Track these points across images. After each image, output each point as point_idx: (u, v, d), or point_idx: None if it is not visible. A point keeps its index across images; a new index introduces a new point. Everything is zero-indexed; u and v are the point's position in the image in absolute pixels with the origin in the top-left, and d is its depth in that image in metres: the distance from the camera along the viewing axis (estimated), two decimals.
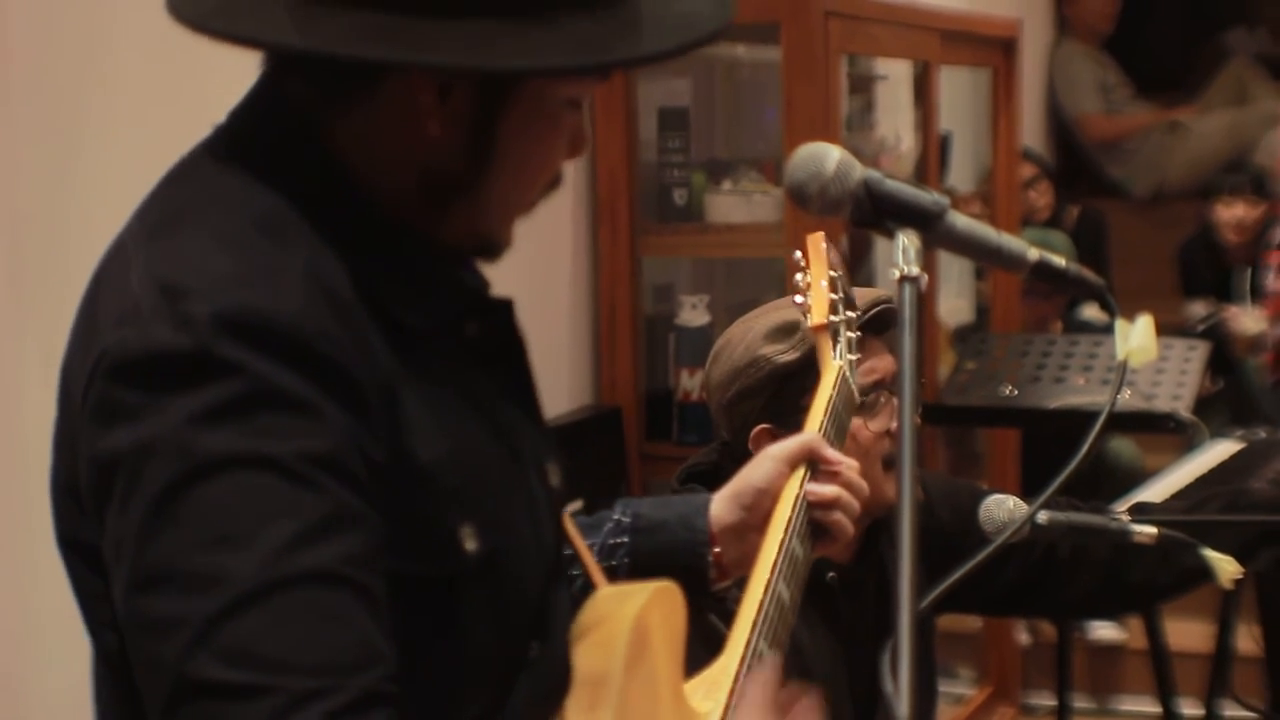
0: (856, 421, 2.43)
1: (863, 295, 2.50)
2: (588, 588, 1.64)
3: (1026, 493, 3.24)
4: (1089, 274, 1.65)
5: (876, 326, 2.50)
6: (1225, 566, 2.47)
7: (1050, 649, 5.37)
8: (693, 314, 4.30)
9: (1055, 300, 5.69)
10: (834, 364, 2.04)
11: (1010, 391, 4.38)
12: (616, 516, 1.92)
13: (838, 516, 1.81)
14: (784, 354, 2.50)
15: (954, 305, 6.08)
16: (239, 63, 1.48)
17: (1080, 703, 5.27)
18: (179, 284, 1.31)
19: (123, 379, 1.30)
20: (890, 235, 1.58)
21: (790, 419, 2.47)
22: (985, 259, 1.64)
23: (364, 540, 1.30)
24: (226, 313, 1.29)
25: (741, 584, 1.75)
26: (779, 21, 4.02)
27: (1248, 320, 6.28)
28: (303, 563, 1.25)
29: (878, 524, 2.55)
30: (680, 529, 1.85)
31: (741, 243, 4.26)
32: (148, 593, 1.26)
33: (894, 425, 2.46)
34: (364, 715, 1.24)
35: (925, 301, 4.97)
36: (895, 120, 5.70)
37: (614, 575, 1.82)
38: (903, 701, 1.33)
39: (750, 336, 2.54)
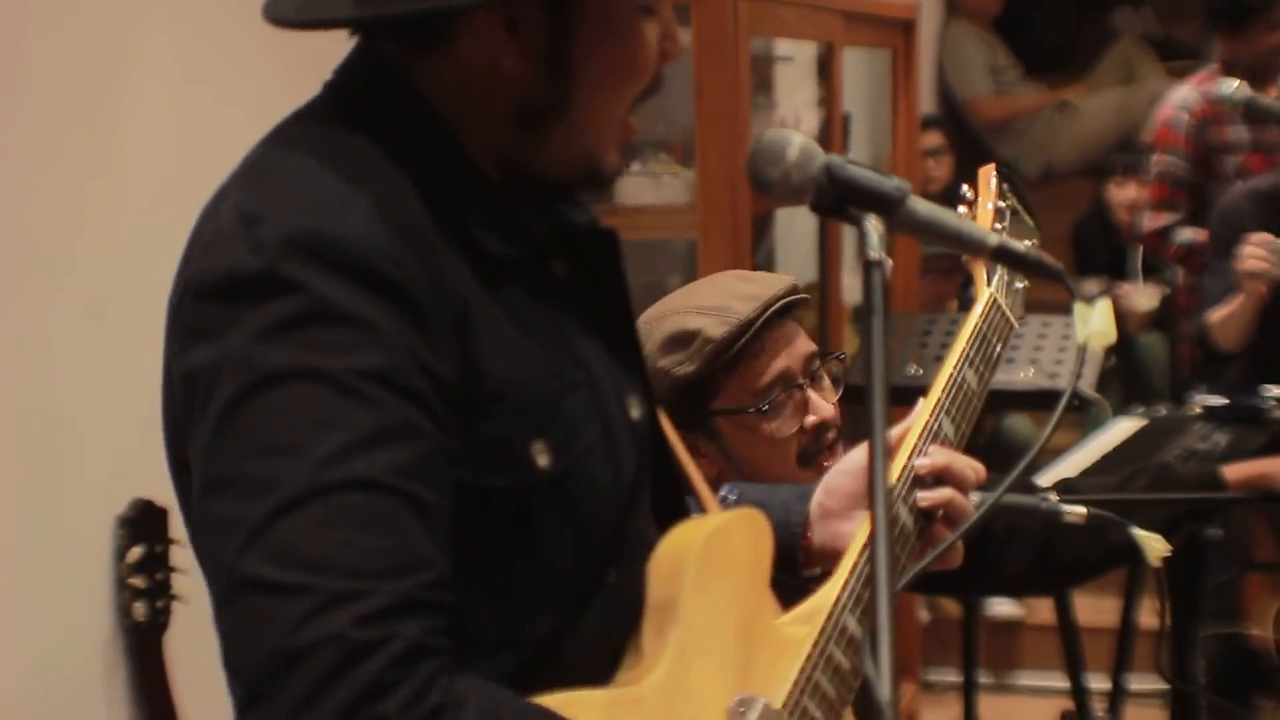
0: (765, 424, 2.36)
1: (768, 282, 2.43)
2: None
3: None
4: (1049, 259, 1.66)
5: (782, 315, 2.40)
6: (1154, 545, 2.50)
7: (951, 625, 5.42)
8: None
9: (954, 278, 5.73)
10: (986, 291, 2.06)
11: (915, 371, 4.40)
12: (722, 494, 1.98)
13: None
14: (680, 366, 2.36)
15: (853, 284, 6.10)
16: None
17: (979, 679, 5.31)
18: (256, 212, 1.41)
19: (204, 299, 1.40)
20: (853, 221, 1.59)
21: (699, 426, 2.38)
22: (946, 244, 1.65)
23: (417, 453, 1.35)
24: (294, 235, 1.38)
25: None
26: (689, 3, 4.01)
27: (1140, 298, 6.37)
28: (350, 470, 1.32)
29: None
30: (778, 511, 1.87)
31: (651, 224, 4.28)
32: (212, 497, 1.36)
33: (807, 421, 2.38)
34: (398, 621, 1.29)
35: (834, 282, 4.99)
36: (795, 101, 5.72)
37: None
38: (884, 683, 1.33)
39: (649, 344, 2.36)
